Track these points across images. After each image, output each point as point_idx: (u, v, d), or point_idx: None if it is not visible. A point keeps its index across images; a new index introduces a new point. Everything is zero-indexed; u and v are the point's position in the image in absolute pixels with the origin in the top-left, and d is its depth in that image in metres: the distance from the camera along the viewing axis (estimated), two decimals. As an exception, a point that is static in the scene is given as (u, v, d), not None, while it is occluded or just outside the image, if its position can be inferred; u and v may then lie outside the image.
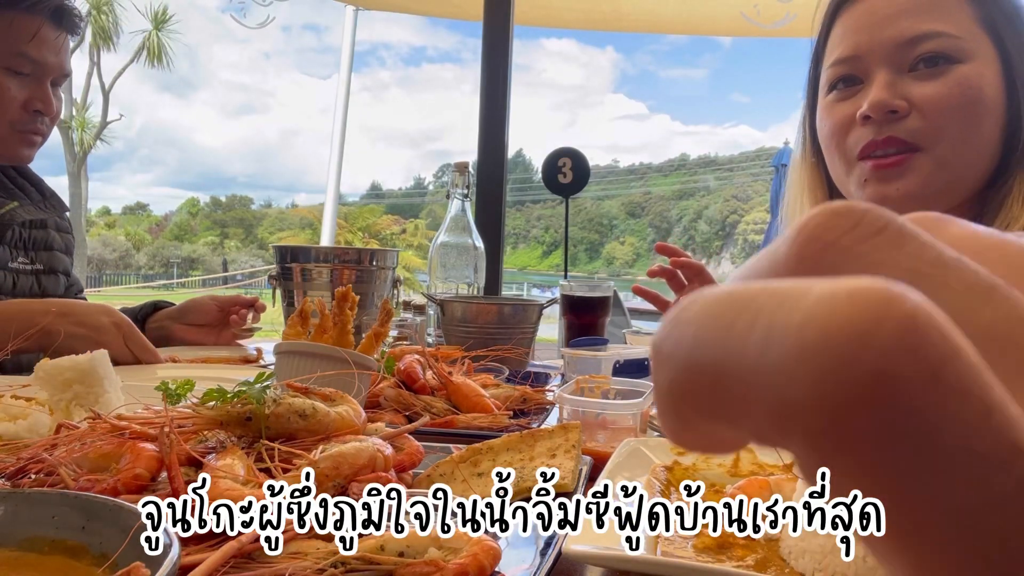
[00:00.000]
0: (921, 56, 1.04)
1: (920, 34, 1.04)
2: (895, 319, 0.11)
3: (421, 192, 68.07)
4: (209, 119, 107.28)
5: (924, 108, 1.04)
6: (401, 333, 1.65)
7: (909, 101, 1.05)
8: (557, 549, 0.57)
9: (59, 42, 1.52)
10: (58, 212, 1.70)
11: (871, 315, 0.11)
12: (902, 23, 1.05)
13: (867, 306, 0.11)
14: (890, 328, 0.11)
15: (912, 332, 0.11)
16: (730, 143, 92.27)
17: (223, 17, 57.30)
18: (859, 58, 1.09)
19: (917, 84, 1.05)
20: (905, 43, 1.05)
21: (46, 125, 1.57)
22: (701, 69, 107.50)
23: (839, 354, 0.11)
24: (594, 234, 59.52)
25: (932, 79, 1.04)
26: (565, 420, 0.90)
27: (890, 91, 1.05)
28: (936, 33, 1.03)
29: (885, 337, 0.11)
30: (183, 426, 0.67)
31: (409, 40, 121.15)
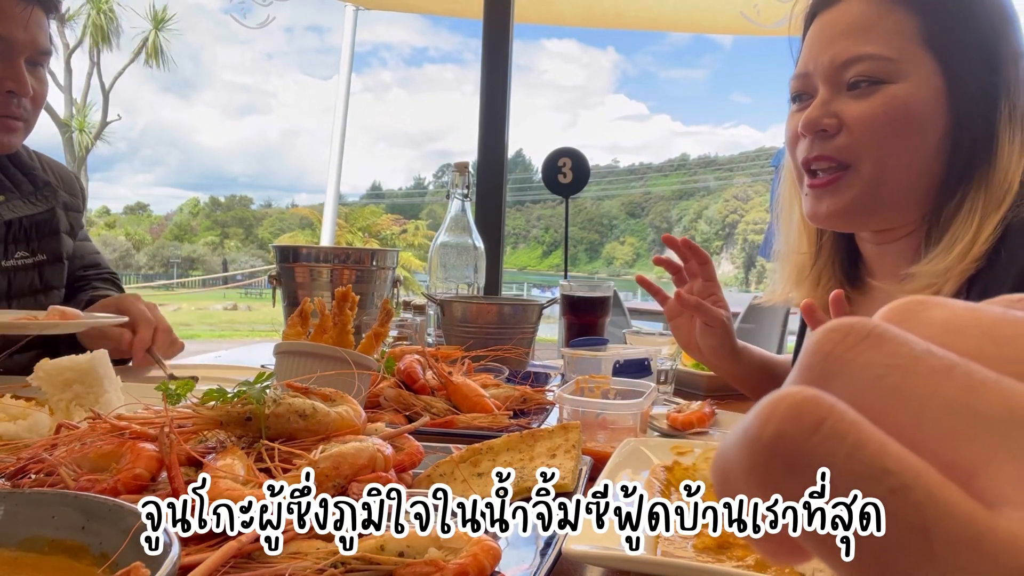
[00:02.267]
0: (854, 77, 1.09)
1: (852, 56, 1.08)
2: (786, 403, 0.17)
3: (421, 192, 68.08)
4: (211, 120, 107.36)
5: (852, 126, 1.09)
6: (401, 333, 1.65)
7: (840, 119, 1.10)
8: (557, 549, 0.57)
9: (26, 16, 1.41)
10: (54, 199, 1.58)
11: (773, 404, 0.17)
12: (839, 45, 1.10)
13: (773, 400, 0.17)
14: (783, 409, 0.17)
15: (797, 406, 0.17)
16: (730, 143, 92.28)
17: (226, 18, 57.39)
18: (807, 75, 1.15)
19: (849, 103, 1.09)
20: (840, 65, 1.10)
21: (25, 108, 1.46)
22: (701, 69, 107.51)
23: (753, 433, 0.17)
24: (594, 234, 59.51)
25: (863, 98, 1.08)
26: (565, 420, 0.90)
27: (822, 110, 1.11)
28: (867, 55, 1.07)
29: (781, 412, 0.17)
30: (183, 426, 0.67)
31: (411, 41, 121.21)
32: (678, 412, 1.09)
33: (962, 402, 0.17)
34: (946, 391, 0.17)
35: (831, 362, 0.18)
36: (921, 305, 0.20)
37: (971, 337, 0.18)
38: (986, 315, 0.19)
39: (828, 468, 0.16)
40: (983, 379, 0.17)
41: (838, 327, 0.18)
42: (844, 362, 0.18)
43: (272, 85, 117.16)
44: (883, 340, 0.18)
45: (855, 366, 0.18)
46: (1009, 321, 0.19)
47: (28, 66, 1.45)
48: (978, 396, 0.16)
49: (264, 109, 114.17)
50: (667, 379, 1.36)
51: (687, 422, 1.07)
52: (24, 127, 1.49)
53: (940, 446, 0.17)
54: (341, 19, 6.31)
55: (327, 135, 7.64)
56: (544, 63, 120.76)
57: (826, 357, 0.18)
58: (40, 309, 1.39)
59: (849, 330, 0.18)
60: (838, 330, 0.18)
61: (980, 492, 0.16)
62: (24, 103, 1.46)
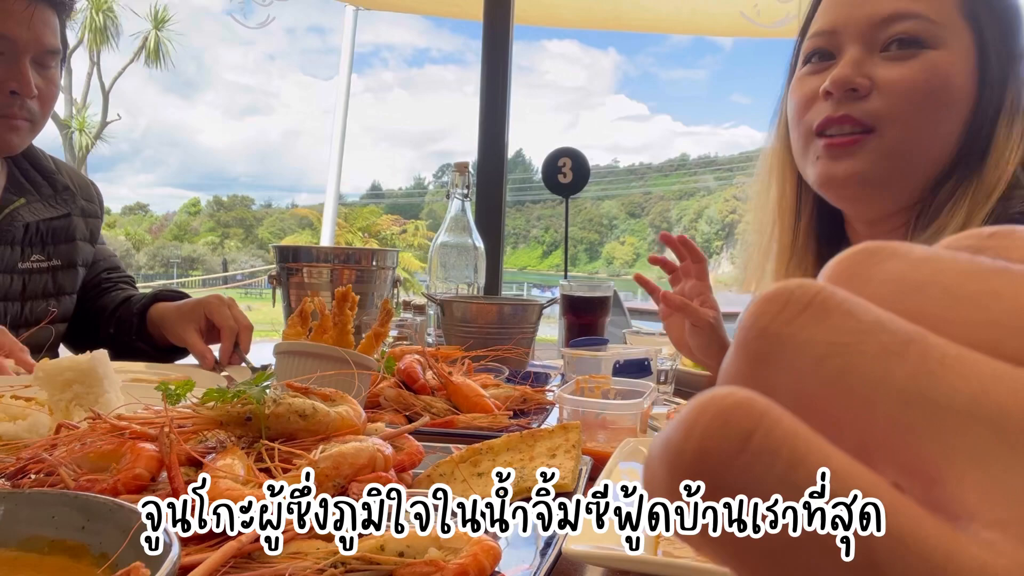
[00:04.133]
0: (894, 37, 1.02)
1: (896, 13, 1.02)
2: (711, 411, 0.14)
3: (421, 192, 68.09)
4: (213, 120, 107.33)
5: (886, 89, 1.02)
6: (401, 333, 1.65)
7: (873, 81, 1.03)
8: (557, 549, 0.57)
9: (30, 14, 1.38)
10: (73, 203, 1.59)
11: (698, 411, 0.14)
12: (880, 2, 1.03)
13: (698, 406, 0.14)
14: (707, 418, 0.14)
15: (721, 416, 0.14)
16: (730, 143, 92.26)
17: (228, 19, 57.48)
18: (835, 32, 1.08)
19: (885, 65, 1.03)
20: (880, 21, 1.03)
21: (30, 109, 1.44)
22: (702, 70, 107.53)
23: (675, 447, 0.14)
24: (594, 234, 59.51)
25: (900, 61, 1.02)
26: (565, 420, 0.90)
27: (855, 68, 1.03)
28: (912, 14, 1.01)
29: (703, 425, 0.14)
30: (183, 426, 0.67)
31: (413, 42, 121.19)
32: (678, 412, 1.09)
33: (917, 389, 0.14)
34: (899, 375, 0.14)
35: (767, 340, 0.15)
36: (872, 257, 0.17)
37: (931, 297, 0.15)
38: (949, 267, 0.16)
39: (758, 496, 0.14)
40: (942, 357, 0.14)
41: (775, 295, 0.16)
42: (782, 340, 0.15)
43: (274, 86, 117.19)
44: (827, 310, 0.15)
45: (794, 345, 0.15)
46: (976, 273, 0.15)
47: (35, 66, 1.43)
48: (936, 380, 0.14)
49: (266, 110, 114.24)
50: (667, 379, 1.36)
51: (687, 422, 1.06)
52: (30, 128, 1.48)
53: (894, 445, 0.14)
54: (341, 20, 6.32)
55: (328, 135, 7.65)
56: (545, 64, 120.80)
57: (762, 334, 0.15)
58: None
59: (788, 298, 0.15)
60: (775, 299, 0.16)
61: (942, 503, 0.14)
62: (29, 104, 1.44)
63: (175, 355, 1.57)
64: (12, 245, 1.48)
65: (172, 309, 1.53)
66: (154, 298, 1.59)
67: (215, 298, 1.53)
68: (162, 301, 1.57)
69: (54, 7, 1.45)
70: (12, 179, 1.54)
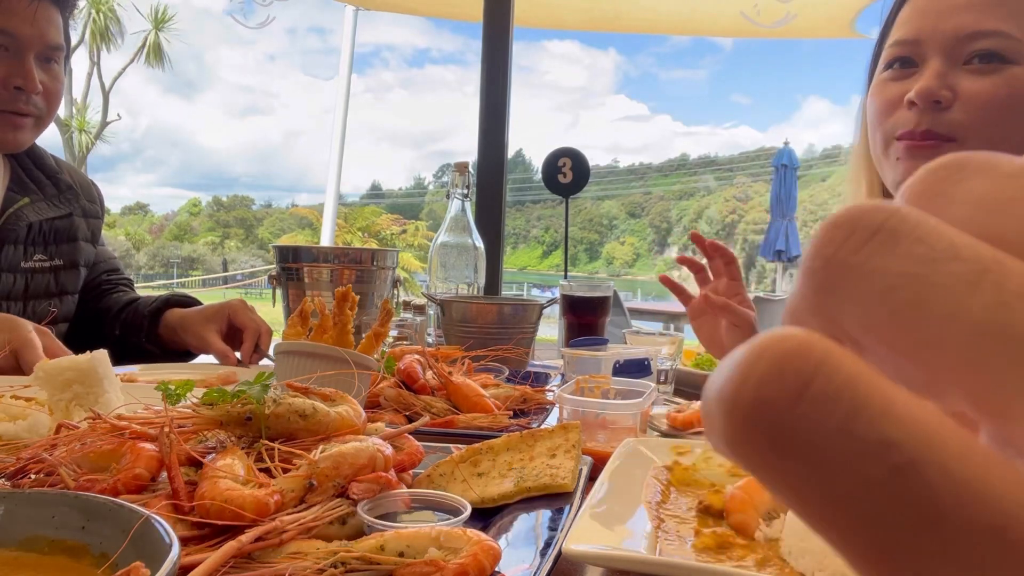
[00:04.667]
0: (977, 52, 1.04)
1: (980, 31, 1.04)
2: (768, 356, 0.13)
3: (421, 192, 68.10)
4: (214, 120, 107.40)
5: (968, 102, 1.04)
6: (401, 333, 1.65)
7: (955, 93, 1.05)
8: (557, 549, 0.57)
9: (33, 10, 1.39)
10: (77, 203, 1.60)
11: (755, 355, 0.14)
12: (965, 16, 1.05)
13: (756, 348, 0.14)
14: (763, 364, 0.13)
15: (779, 362, 0.13)
16: (730, 143, 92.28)
17: (229, 20, 57.44)
18: (918, 42, 1.09)
19: (967, 78, 1.05)
20: (964, 37, 1.05)
21: (34, 105, 1.44)
22: (702, 71, 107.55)
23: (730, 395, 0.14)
24: (594, 234, 59.50)
25: (983, 75, 1.04)
26: (565, 420, 0.90)
27: (939, 81, 1.05)
28: (996, 32, 1.03)
29: (759, 372, 0.13)
30: (183, 426, 0.67)
31: (413, 42, 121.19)
32: (678, 412, 1.09)
33: (992, 322, 0.13)
34: (973, 307, 0.13)
35: (833, 270, 0.14)
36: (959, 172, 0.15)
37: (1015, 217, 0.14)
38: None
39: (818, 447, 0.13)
40: (1020, 288, 0.13)
41: (843, 220, 0.15)
42: (848, 269, 0.14)
43: (274, 86, 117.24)
44: (897, 237, 0.14)
45: (861, 275, 0.14)
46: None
47: (40, 62, 1.44)
48: (1012, 313, 0.13)
49: (266, 110, 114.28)
50: (667, 379, 1.36)
51: (687, 422, 1.07)
52: (35, 124, 1.48)
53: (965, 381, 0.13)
54: (342, 20, 6.32)
55: (328, 135, 7.66)
56: (546, 64, 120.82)
57: (827, 263, 0.15)
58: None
59: (856, 224, 0.14)
60: (841, 226, 0.15)
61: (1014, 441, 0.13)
62: (34, 100, 1.44)
63: (184, 357, 1.58)
64: (15, 244, 1.48)
65: (194, 313, 1.55)
66: (166, 303, 1.60)
67: (239, 302, 1.56)
68: (175, 307, 1.59)
69: (57, 3, 1.45)
70: (16, 178, 1.54)
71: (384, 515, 0.62)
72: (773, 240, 9.03)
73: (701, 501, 0.70)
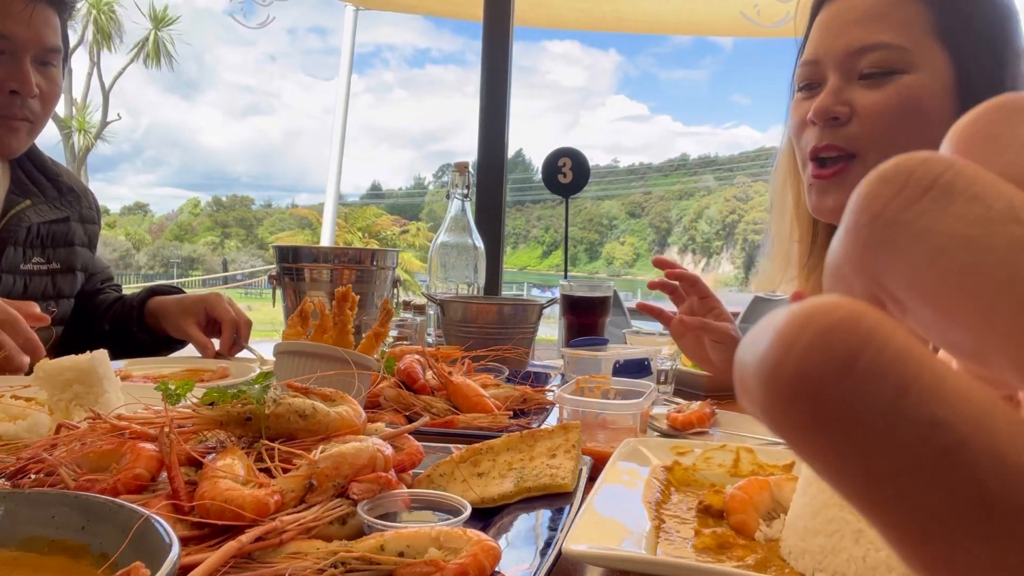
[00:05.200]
0: (867, 66, 1.08)
1: (867, 45, 1.07)
2: (813, 327, 0.13)
3: (421, 192, 68.09)
4: (214, 120, 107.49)
5: (864, 115, 1.07)
6: (401, 333, 1.65)
7: (852, 108, 1.08)
8: (557, 549, 0.57)
9: (29, 13, 1.38)
10: (76, 208, 1.62)
11: (801, 323, 0.13)
12: (853, 33, 1.09)
13: (796, 321, 0.13)
14: (808, 335, 0.13)
15: (825, 335, 0.13)
16: (730, 143, 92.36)
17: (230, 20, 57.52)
18: (817, 62, 1.14)
19: (862, 92, 1.08)
20: (853, 52, 1.08)
21: (30, 109, 1.44)
22: (702, 71, 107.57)
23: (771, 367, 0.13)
24: (594, 234, 59.49)
25: (875, 88, 1.07)
26: (565, 420, 0.90)
27: (834, 98, 1.09)
28: (882, 44, 1.06)
29: (804, 343, 0.13)
30: (183, 426, 0.67)
31: (413, 42, 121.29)
32: (678, 412, 1.09)
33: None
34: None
35: (881, 227, 0.14)
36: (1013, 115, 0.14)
37: None
38: None
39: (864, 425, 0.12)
40: None
41: (894, 174, 0.14)
42: (898, 227, 0.13)
43: (275, 86, 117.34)
44: (951, 194, 0.13)
45: (912, 234, 0.13)
46: None
47: (36, 65, 1.43)
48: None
49: (267, 110, 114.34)
50: (667, 379, 1.36)
51: (687, 422, 1.07)
52: (30, 129, 1.48)
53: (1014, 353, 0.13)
54: (342, 20, 6.33)
55: (328, 135, 7.66)
56: (546, 64, 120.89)
57: (875, 219, 0.14)
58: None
59: (908, 178, 0.14)
60: (893, 180, 0.14)
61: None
62: (30, 103, 1.44)
63: (173, 346, 1.63)
64: (15, 246, 1.49)
65: (172, 302, 1.58)
66: (151, 292, 1.64)
67: (215, 295, 1.59)
68: (159, 295, 1.63)
69: (54, 6, 1.45)
70: (16, 181, 1.55)
71: (384, 515, 0.62)
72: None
73: (701, 501, 0.70)
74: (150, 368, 1.33)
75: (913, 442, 0.12)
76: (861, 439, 0.12)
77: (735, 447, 0.81)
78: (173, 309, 1.57)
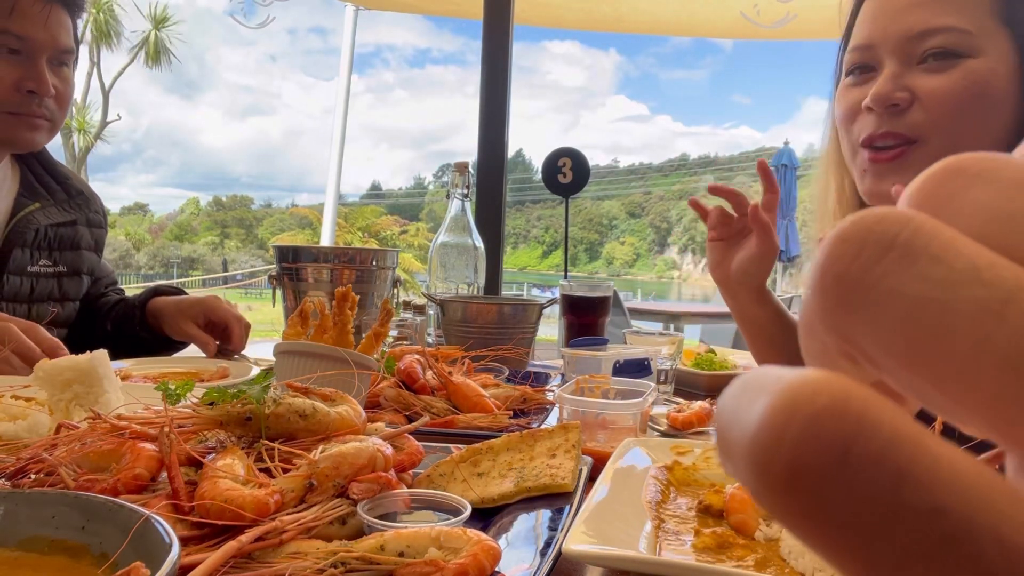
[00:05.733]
0: (930, 50, 1.04)
1: (930, 28, 1.03)
2: (801, 416, 0.12)
3: (421, 192, 68.08)
4: (214, 120, 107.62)
5: (927, 101, 1.04)
6: (401, 333, 1.65)
7: (913, 93, 1.04)
8: (557, 549, 0.57)
9: (45, 15, 1.42)
10: (84, 211, 1.64)
11: (788, 412, 0.13)
12: (914, 16, 1.05)
13: (784, 408, 0.13)
14: (797, 425, 0.12)
15: (814, 423, 0.12)
16: (730, 143, 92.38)
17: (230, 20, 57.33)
18: (872, 47, 1.09)
19: (924, 77, 1.04)
20: (915, 36, 1.04)
21: (47, 108, 1.47)
22: (702, 71, 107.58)
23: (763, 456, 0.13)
24: (594, 234, 59.49)
25: (939, 72, 1.03)
26: (565, 420, 0.90)
27: (894, 83, 1.05)
28: (946, 28, 1.02)
29: (794, 434, 0.12)
30: (183, 426, 0.67)
31: (413, 42, 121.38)
32: (678, 412, 1.09)
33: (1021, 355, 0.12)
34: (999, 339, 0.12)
35: (846, 287, 0.14)
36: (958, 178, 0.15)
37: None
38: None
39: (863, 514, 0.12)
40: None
41: (851, 234, 0.14)
42: (862, 288, 0.13)
43: (275, 86, 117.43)
44: (912, 254, 0.13)
45: (877, 297, 0.13)
46: None
47: (51, 65, 1.47)
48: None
49: (267, 110, 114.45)
50: (667, 379, 1.36)
51: (687, 422, 1.07)
52: (49, 126, 1.51)
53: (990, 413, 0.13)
54: (342, 20, 6.33)
55: (328, 136, 7.67)
56: (546, 64, 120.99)
57: (839, 280, 0.14)
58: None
59: (866, 238, 0.14)
60: (850, 239, 0.14)
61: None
62: (47, 103, 1.47)
63: (176, 346, 1.64)
64: (23, 248, 1.51)
65: (171, 303, 1.60)
66: (154, 292, 1.66)
67: (212, 298, 1.60)
68: (161, 295, 1.65)
69: (68, 8, 1.48)
70: (26, 183, 1.57)
71: (384, 515, 0.62)
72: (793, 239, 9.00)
73: (701, 501, 0.70)
74: (150, 368, 1.34)
75: (915, 530, 0.12)
76: (861, 528, 0.12)
77: (735, 447, 0.81)
78: (171, 311, 1.58)
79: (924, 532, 0.12)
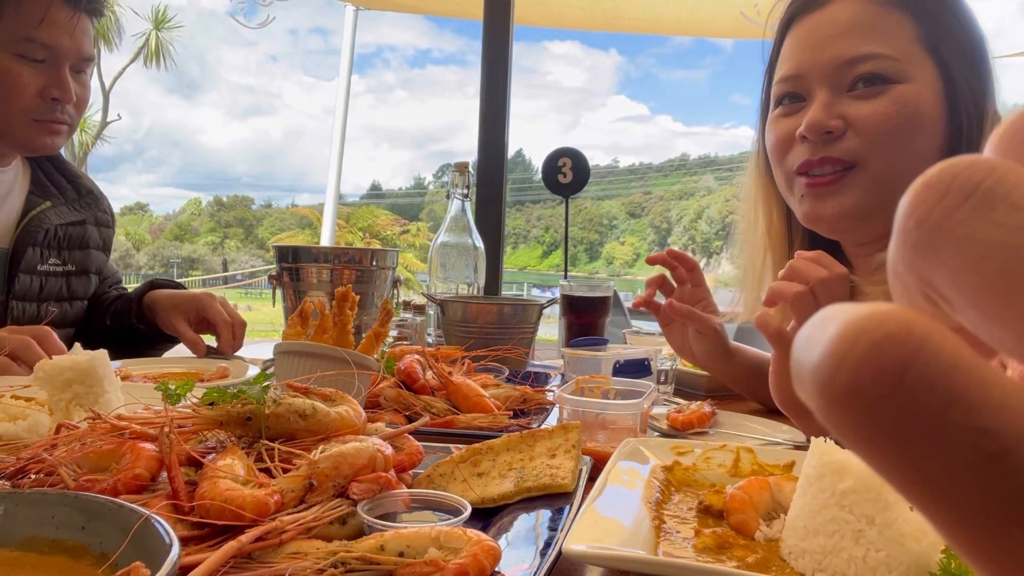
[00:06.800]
0: (859, 77, 1.06)
1: (858, 55, 1.06)
2: (865, 340, 0.14)
3: (421, 192, 68.11)
4: (215, 120, 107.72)
5: (860, 127, 1.06)
6: (401, 333, 1.65)
7: (846, 120, 1.07)
8: (557, 549, 0.57)
9: (73, 23, 1.44)
10: (93, 211, 1.65)
11: (852, 337, 0.14)
12: (841, 44, 1.07)
13: (848, 334, 0.14)
14: (860, 349, 0.13)
15: (876, 348, 0.13)
16: (730, 143, 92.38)
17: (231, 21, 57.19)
18: (801, 77, 1.12)
19: (855, 104, 1.07)
20: (844, 64, 1.07)
21: (68, 114, 1.50)
22: (702, 71, 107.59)
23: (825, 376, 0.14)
24: (594, 234, 59.48)
25: (870, 99, 1.06)
26: (565, 420, 0.90)
27: (826, 112, 1.07)
28: (875, 55, 1.05)
29: (856, 357, 0.13)
30: (183, 426, 0.67)
31: (414, 42, 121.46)
32: (678, 412, 1.09)
33: None
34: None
35: (925, 232, 0.14)
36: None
37: None
38: None
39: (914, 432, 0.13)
40: None
41: (937, 180, 0.14)
42: (940, 233, 0.14)
43: (276, 86, 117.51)
44: (992, 201, 0.14)
45: (954, 240, 0.14)
46: None
47: (72, 72, 1.49)
48: None
49: (268, 110, 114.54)
50: (667, 379, 1.36)
51: (687, 422, 1.07)
52: (67, 131, 1.53)
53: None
54: (343, 20, 6.33)
55: (329, 136, 7.67)
56: (547, 65, 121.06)
57: (920, 224, 0.14)
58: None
59: (950, 184, 0.14)
60: (935, 186, 0.14)
61: None
62: (68, 108, 1.49)
63: (171, 340, 1.64)
64: (34, 247, 1.52)
65: (165, 297, 1.59)
66: (151, 284, 1.66)
67: (207, 295, 1.59)
68: (158, 288, 1.64)
69: (91, 15, 1.50)
70: (36, 182, 1.58)
71: (384, 515, 0.62)
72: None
73: (701, 501, 0.70)
74: (150, 368, 1.33)
75: (961, 448, 0.13)
76: (913, 445, 0.13)
77: (735, 447, 0.81)
78: (164, 305, 1.58)
79: (970, 450, 0.13)
